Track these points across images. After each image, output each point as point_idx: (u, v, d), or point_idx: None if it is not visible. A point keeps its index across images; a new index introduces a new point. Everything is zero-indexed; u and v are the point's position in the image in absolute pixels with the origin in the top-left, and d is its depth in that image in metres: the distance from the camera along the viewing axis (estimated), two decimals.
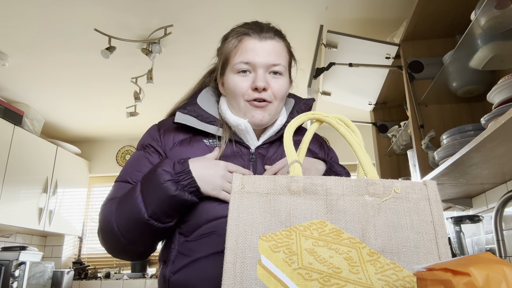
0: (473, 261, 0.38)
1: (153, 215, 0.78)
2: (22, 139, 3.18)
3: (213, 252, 0.80)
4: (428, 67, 1.76)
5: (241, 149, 0.92)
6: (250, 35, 0.90)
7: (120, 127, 3.98)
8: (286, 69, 0.94)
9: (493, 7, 1.12)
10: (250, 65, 0.89)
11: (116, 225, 0.81)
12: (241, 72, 0.89)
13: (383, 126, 2.54)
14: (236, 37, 0.92)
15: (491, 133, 1.02)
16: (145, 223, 0.79)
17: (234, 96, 0.91)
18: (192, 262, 0.81)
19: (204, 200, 0.83)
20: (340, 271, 0.52)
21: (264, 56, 0.88)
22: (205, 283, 0.78)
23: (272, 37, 0.91)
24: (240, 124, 0.90)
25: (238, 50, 0.90)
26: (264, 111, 0.90)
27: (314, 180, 0.59)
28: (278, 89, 0.90)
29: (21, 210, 3.13)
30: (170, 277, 0.82)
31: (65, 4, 2.15)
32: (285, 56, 0.93)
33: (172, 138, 0.93)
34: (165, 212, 0.79)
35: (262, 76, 0.88)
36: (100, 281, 3.75)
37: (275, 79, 0.90)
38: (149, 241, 0.84)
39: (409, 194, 0.58)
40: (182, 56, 2.69)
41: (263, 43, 0.90)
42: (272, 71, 0.90)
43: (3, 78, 2.96)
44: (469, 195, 1.76)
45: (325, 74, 2.32)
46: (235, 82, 0.90)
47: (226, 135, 0.91)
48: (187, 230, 0.85)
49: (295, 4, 2.18)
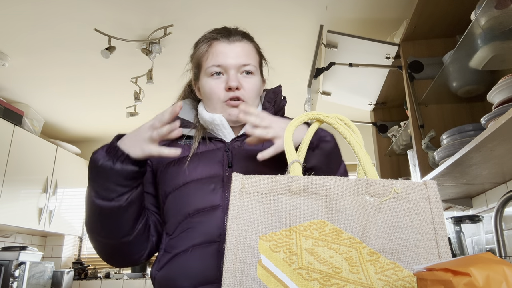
0: (473, 261, 0.38)
1: (98, 194, 0.81)
2: (22, 139, 3.18)
3: (190, 246, 0.83)
4: (428, 67, 1.76)
5: (216, 144, 0.94)
6: (219, 39, 0.95)
7: (120, 127, 3.98)
8: (257, 69, 0.98)
9: (493, 7, 1.12)
10: (222, 67, 0.93)
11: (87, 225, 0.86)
12: (214, 74, 0.93)
13: (383, 126, 2.54)
14: (206, 42, 0.96)
15: (491, 133, 1.02)
16: (96, 205, 0.81)
17: (210, 99, 0.94)
18: (173, 257, 0.84)
19: (181, 196, 0.87)
20: (340, 271, 0.52)
21: (234, 57, 0.93)
22: (185, 276, 0.81)
23: (240, 39, 0.96)
24: (216, 119, 0.92)
25: (209, 54, 0.94)
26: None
27: (314, 180, 0.59)
28: (250, 88, 0.94)
29: (21, 210, 3.13)
30: (156, 274, 0.86)
31: (65, 4, 2.15)
32: (254, 57, 0.97)
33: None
34: (105, 187, 0.81)
35: (234, 76, 0.92)
36: (100, 281, 3.74)
37: (247, 79, 0.94)
38: (115, 227, 0.84)
39: (409, 194, 0.58)
40: (182, 56, 2.68)
41: (232, 45, 0.94)
42: (244, 71, 0.94)
43: (3, 78, 2.96)
44: (469, 195, 1.76)
45: (325, 74, 2.32)
46: (210, 85, 0.94)
47: (198, 134, 0.94)
48: (170, 229, 0.88)
49: (295, 4, 2.18)
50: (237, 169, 0.88)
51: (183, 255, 0.83)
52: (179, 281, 0.81)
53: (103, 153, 0.81)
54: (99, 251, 0.89)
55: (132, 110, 3.21)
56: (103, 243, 0.86)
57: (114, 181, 0.80)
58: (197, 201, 0.85)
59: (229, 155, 0.91)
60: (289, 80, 2.92)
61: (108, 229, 0.84)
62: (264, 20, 2.32)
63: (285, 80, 2.62)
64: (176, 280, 0.81)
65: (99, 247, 0.88)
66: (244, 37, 0.97)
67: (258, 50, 1.01)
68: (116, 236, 0.84)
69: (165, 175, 0.92)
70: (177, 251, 0.84)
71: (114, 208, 0.81)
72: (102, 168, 0.80)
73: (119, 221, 0.83)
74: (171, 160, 0.92)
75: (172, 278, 0.82)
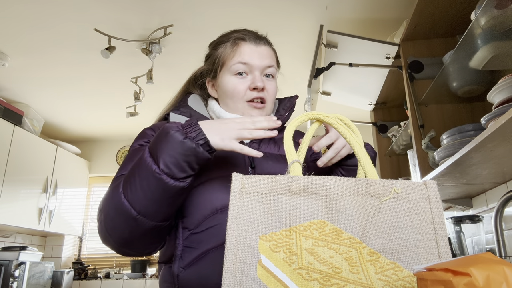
0: (473, 261, 0.38)
1: (165, 168, 0.73)
2: (22, 139, 3.18)
3: (222, 243, 0.76)
4: (428, 67, 1.76)
5: None
6: (246, 40, 0.97)
7: (120, 127, 3.98)
8: (276, 72, 1.01)
9: (493, 7, 1.12)
10: (248, 66, 0.94)
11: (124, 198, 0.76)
12: (238, 74, 0.94)
13: (383, 126, 2.55)
14: (232, 40, 0.98)
15: (491, 133, 1.02)
16: (158, 179, 0.73)
17: (232, 97, 0.95)
18: (203, 254, 0.80)
19: (206, 190, 0.84)
20: (340, 271, 0.52)
21: (260, 59, 0.95)
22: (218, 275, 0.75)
23: (265, 43, 0.99)
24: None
25: (236, 53, 0.95)
26: (262, 111, 0.96)
27: (314, 180, 0.59)
28: (272, 91, 0.97)
29: (21, 210, 3.13)
30: (180, 272, 0.80)
31: (65, 4, 2.15)
32: (274, 61, 1.00)
33: None
34: (177, 163, 0.74)
35: (259, 77, 0.94)
36: (100, 281, 3.74)
37: (269, 81, 0.97)
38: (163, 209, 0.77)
39: (409, 194, 0.58)
40: (182, 56, 2.69)
41: (259, 47, 0.97)
42: (266, 74, 0.96)
43: (3, 78, 2.96)
44: (469, 195, 1.76)
45: (325, 74, 2.32)
46: (234, 83, 0.94)
47: None
48: (191, 223, 0.83)
49: (295, 4, 2.18)
50: (260, 170, 0.89)
51: (215, 252, 0.79)
52: (212, 279, 0.76)
53: (178, 128, 0.76)
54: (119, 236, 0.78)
55: (132, 110, 3.21)
56: (137, 224, 0.76)
57: (186, 159, 0.74)
58: (226, 197, 0.79)
59: (250, 157, 0.91)
60: (289, 80, 2.92)
61: (159, 208, 0.76)
62: (264, 20, 2.32)
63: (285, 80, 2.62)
64: (209, 279, 0.77)
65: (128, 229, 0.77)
66: (267, 41, 1.01)
67: (276, 56, 1.04)
68: (161, 218, 0.78)
69: None
70: (207, 247, 0.80)
71: (179, 188, 0.75)
72: (175, 139, 0.74)
73: (174, 203, 0.78)
74: None
75: (204, 277, 0.78)
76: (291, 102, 1.06)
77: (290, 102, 1.06)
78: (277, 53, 1.05)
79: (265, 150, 0.94)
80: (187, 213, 0.84)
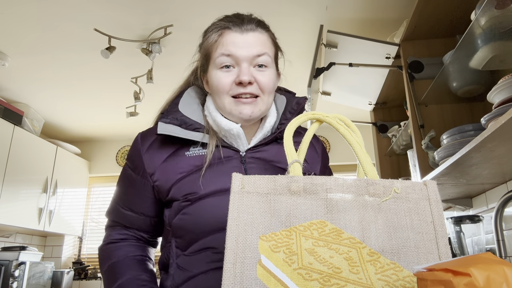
0: (473, 262, 0.38)
1: None
2: (22, 139, 3.18)
3: (212, 268, 0.78)
4: (428, 67, 1.76)
5: (229, 152, 0.87)
6: (230, 28, 0.86)
7: (120, 127, 3.98)
8: (272, 61, 0.89)
9: (493, 7, 1.12)
10: (232, 57, 0.84)
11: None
12: (224, 67, 0.84)
13: (383, 126, 2.54)
14: (216, 31, 0.87)
15: (491, 133, 1.02)
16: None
17: (217, 93, 0.86)
18: (191, 278, 0.79)
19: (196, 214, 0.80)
20: (340, 271, 0.52)
21: (246, 49, 0.83)
22: None
23: (254, 29, 0.87)
24: (232, 129, 0.85)
25: (219, 44, 0.85)
26: (254, 106, 0.85)
27: (314, 180, 0.59)
28: (265, 83, 0.85)
29: (21, 210, 3.13)
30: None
31: (65, 4, 2.15)
32: (269, 47, 0.88)
33: (156, 156, 0.87)
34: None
35: (246, 69, 0.83)
36: (100, 281, 3.74)
37: (261, 72, 0.85)
38: None
39: (409, 194, 0.58)
40: (182, 56, 2.69)
41: (245, 35, 0.85)
42: (257, 64, 0.85)
43: (3, 78, 2.96)
44: (469, 195, 1.76)
45: (325, 74, 2.32)
46: (218, 78, 0.85)
47: (212, 142, 0.85)
48: (183, 245, 0.82)
49: (295, 4, 2.18)
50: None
51: (203, 276, 0.78)
52: None
53: None
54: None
55: (132, 110, 3.21)
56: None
57: None
58: (217, 218, 0.77)
59: (245, 167, 0.85)
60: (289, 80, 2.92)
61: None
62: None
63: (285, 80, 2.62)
64: None
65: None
66: (258, 25, 0.88)
67: (273, 40, 0.92)
68: None
69: (176, 189, 0.84)
70: (196, 271, 0.79)
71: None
72: None
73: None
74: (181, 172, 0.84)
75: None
76: (299, 105, 0.94)
77: (299, 105, 0.93)
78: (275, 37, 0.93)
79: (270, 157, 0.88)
80: (177, 234, 0.83)
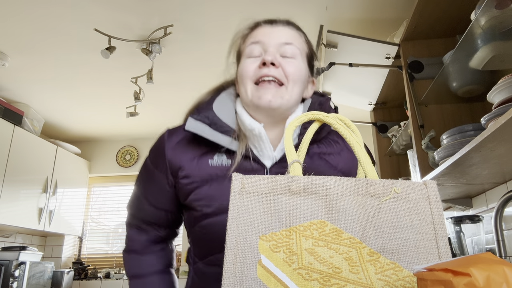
0: (473, 262, 0.38)
1: None
2: (22, 139, 3.18)
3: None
4: (428, 67, 1.76)
5: (254, 165, 0.80)
6: (261, 25, 0.86)
7: (120, 127, 3.98)
8: (302, 56, 0.85)
9: (493, 7, 1.12)
10: (260, 44, 0.81)
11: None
12: (252, 57, 0.82)
13: (383, 126, 2.54)
14: (247, 27, 0.88)
15: (491, 133, 1.02)
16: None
17: (242, 81, 0.82)
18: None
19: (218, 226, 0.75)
20: (340, 271, 0.52)
21: (275, 37, 0.82)
22: None
23: (284, 25, 0.86)
24: (255, 128, 0.79)
25: (250, 37, 0.85)
26: (276, 93, 0.78)
27: (314, 180, 0.59)
28: (291, 70, 0.80)
29: (21, 210, 3.13)
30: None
31: (65, 4, 2.15)
32: (300, 43, 0.85)
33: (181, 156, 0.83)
34: None
35: (272, 52, 0.80)
36: (100, 281, 3.74)
37: (288, 60, 0.81)
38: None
39: (409, 194, 0.58)
40: (182, 56, 2.69)
41: (275, 27, 0.84)
42: (285, 55, 0.81)
43: (3, 78, 2.96)
44: (469, 195, 1.76)
45: (325, 74, 2.32)
46: (244, 65, 0.82)
47: (242, 147, 0.80)
48: (200, 254, 0.83)
49: (295, 4, 2.18)
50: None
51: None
52: None
53: None
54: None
55: (132, 110, 3.21)
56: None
57: None
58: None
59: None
60: None
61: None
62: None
63: None
64: None
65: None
66: (289, 23, 0.87)
67: (306, 40, 0.89)
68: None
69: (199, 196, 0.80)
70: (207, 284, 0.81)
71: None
72: None
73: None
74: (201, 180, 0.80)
75: None
76: (321, 106, 0.85)
77: (321, 106, 0.85)
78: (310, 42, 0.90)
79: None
80: (198, 244, 0.83)
